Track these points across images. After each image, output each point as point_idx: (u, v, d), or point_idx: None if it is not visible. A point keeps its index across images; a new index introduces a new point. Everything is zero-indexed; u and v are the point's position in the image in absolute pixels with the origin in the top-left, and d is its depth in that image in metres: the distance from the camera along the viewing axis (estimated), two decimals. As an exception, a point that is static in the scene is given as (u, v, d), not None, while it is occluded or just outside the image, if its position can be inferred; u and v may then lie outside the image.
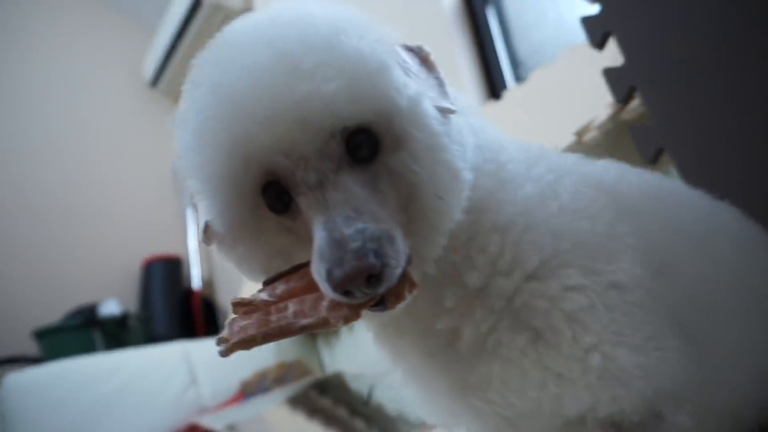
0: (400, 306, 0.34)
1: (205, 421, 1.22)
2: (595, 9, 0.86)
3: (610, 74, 0.84)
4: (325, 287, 0.32)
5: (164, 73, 2.59)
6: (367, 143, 0.36)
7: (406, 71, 0.38)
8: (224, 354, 0.34)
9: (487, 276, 0.40)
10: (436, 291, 0.41)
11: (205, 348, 1.53)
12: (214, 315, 2.51)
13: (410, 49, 0.41)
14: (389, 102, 0.35)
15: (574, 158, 0.48)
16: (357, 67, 0.34)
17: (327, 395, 1.35)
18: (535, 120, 1.06)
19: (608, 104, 0.89)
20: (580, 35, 0.90)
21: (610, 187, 0.45)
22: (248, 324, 0.34)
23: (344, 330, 1.55)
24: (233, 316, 0.35)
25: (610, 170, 0.48)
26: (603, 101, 0.91)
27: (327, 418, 1.25)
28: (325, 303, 0.34)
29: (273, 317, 0.34)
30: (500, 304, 0.39)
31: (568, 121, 0.97)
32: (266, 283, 0.37)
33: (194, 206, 2.04)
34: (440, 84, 0.40)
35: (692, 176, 0.73)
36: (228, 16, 2.27)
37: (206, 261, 2.66)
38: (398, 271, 0.33)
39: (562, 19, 1.42)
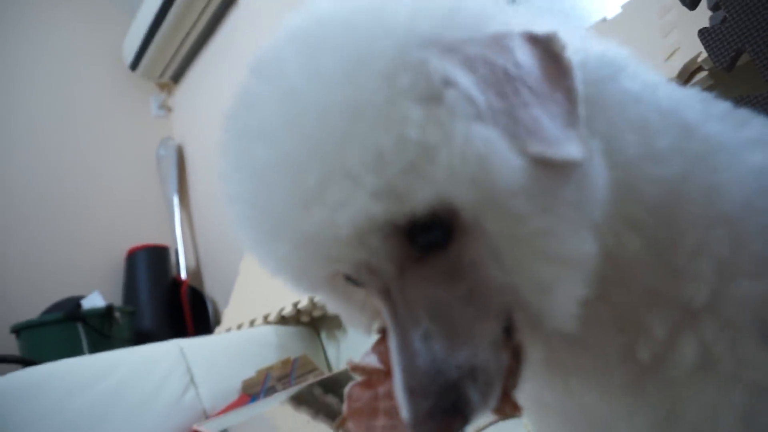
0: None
1: (206, 428, 1.16)
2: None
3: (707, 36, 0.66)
4: None
5: (144, 56, 2.49)
6: (437, 227, 0.27)
7: (493, 110, 0.26)
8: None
9: (719, 282, 0.30)
10: (627, 314, 0.31)
11: (201, 345, 1.46)
12: (203, 305, 2.43)
13: (534, 41, 0.29)
14: (445, 192, 0.26)
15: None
16: (386, 164, 0.25)
17: (332, 393, 1.30)
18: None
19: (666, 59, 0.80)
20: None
21: None
22: (360, 406, 0.32)
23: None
24: (354, 381, 0.33)
25: None
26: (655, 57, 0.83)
27: (334, 417, 1.20)
28: None
29: (381, 405, 0.32)
30: (745, 315, 0.30)
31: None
32: (380, 332, 0.34)
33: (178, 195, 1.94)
34: (571, 101, 0.28)
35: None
36: (213, -5, 2.16)
37: (193, 250, 2.57)
38: (491, 401, 0.28)
39: None
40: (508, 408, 0.29)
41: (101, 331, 2.03)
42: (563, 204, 0.27)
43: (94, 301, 2.17)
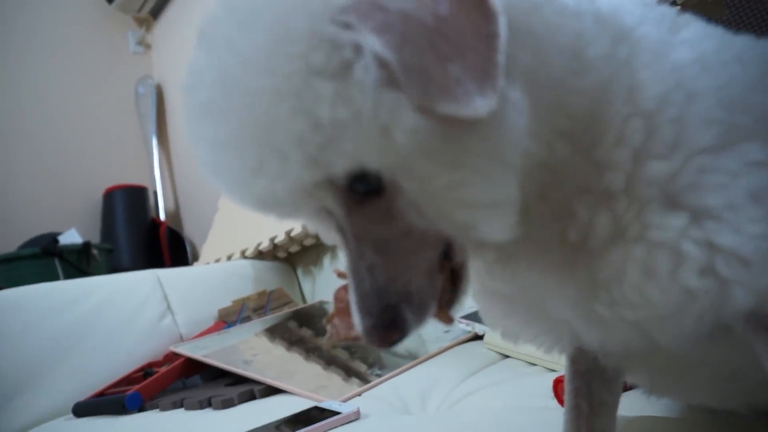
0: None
1: (183, 349, 1.19)
2: None
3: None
4: None
5: (122, -12, 2.40)
6: (369, 179, 0.31)
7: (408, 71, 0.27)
8: (328, 346, 0.38)
9: (634, 167, 0.34)
10: (561, 207, 0.35)
11: (178, 275, 1.48)
12: (182, 246, 2.44)
13: None
14: (359, 160, 0.29)
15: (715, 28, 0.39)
16: (306, 142, 0.28)
17: (306, 326, 1.33)
18: None
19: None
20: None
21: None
22: (343, 306, 0.40)
23: (326, 260, 1.52)
24: (340, 284, 0.40)
25: (756, 45, 0.39)
26: None
27: (308, 349, 1.24)
28: None
29: None
30: (653, 190, 0.33)
31: None
32: None
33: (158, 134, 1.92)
34: (491, 47, 0.28)
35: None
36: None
37: (172, 192, 2.56)
38: (424, 319, 0.33)
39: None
40: (443, 319, 0.35)
41: (78, 267, 2.04)
42: (473, 156, 0.29)
43: (71, 237, 2.17)
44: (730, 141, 0.33)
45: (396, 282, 0.32)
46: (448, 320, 0.36)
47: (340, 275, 0.40)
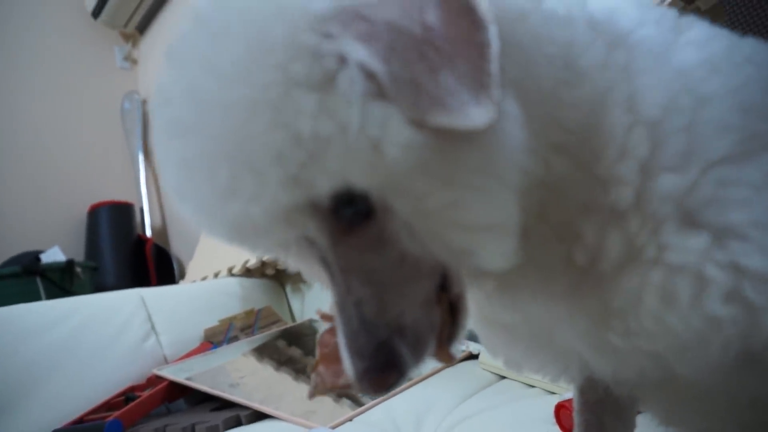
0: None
1: (166, 372, 1.14)
2: None
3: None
4: None
5: (107, 3, 2.38)
6: (357, 202, 0.28)
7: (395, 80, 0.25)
8: (311, 397, 0.36)
9: (642, 181, 0.31)
10: (564, 227, 0.32)
11: (162, 294, 1.43)
12: (169, 264, 2.39)
13: None
14: (345, 179, 0.26)
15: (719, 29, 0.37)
16: (286, 159, 0.25)
17: (296, 345, 1.30)
18: None
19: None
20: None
21: None
22: (328, 352, 0.36)
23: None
24: (325, 328, 0.36)
25: (761, 48, 0.37)
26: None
27: (297, 369, 1.20)
28: None
29: None
30: (668, 207, 0.30)
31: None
32: None
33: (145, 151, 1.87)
34: (483, 57, 0.26)
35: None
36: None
37: (159, 208, 2.52)
38: (422, 355, 0.30)
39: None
40: (443, 358, 0.32)
41: (61, 285, 1.98)
42: (469, 172, 0.27)
43: (53, 255, 2.11)
44: (751, 150, 0.30)
45: (386, 314, 0.29)
46: (449, 359, 0.32)
47: (324, 318, 0.36)
